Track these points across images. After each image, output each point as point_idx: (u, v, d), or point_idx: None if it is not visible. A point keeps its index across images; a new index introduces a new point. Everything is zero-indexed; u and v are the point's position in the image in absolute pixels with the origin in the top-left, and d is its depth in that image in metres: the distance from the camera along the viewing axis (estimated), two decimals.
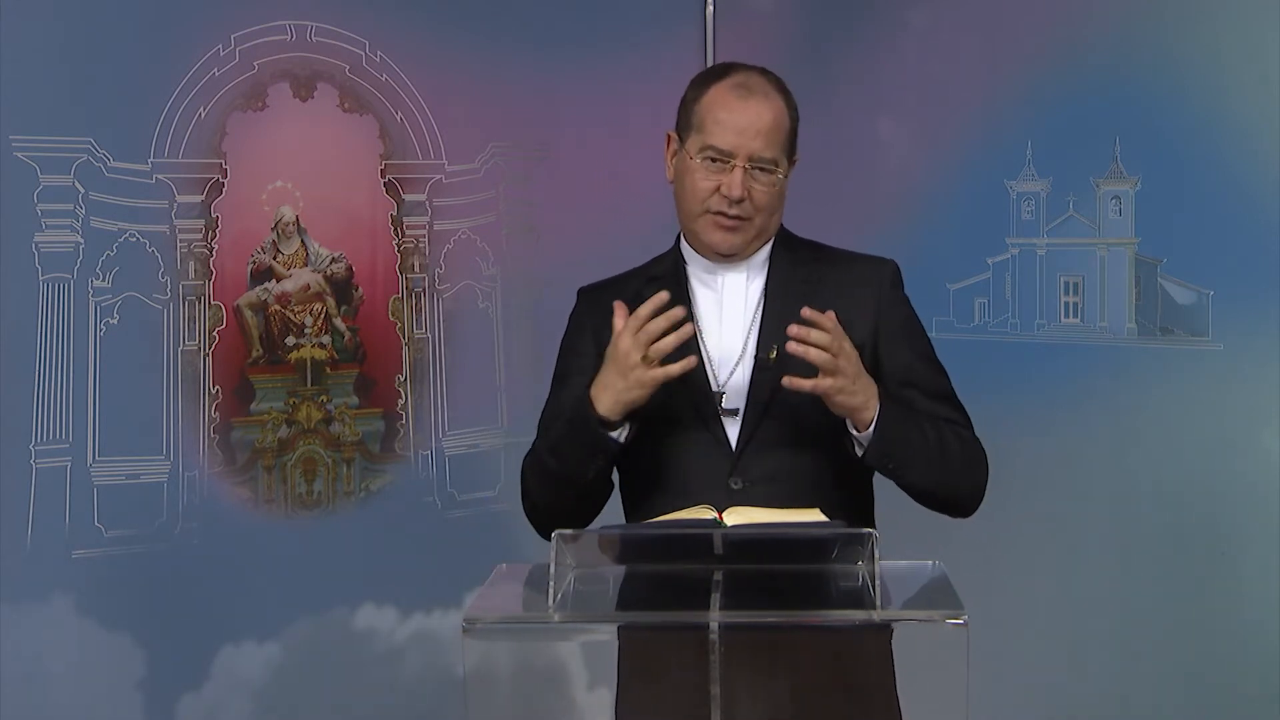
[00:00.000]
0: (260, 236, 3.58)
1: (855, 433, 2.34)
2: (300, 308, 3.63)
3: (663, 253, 2.55)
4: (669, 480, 2.42)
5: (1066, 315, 3.80)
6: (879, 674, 2.35)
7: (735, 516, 2.23)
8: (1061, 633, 3.73)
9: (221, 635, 3.51)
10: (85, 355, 3.33)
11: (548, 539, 2.36)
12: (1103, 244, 3.74)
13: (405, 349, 3.77)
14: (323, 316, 3.67)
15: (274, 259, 3.60)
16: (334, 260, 3.68)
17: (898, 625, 2.12)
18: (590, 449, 2.35)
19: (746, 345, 2.44)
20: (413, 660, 3.74)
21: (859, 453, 2.36)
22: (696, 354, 2.39)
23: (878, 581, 2.02)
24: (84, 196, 3.31)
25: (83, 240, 3.32)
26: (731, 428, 2.41)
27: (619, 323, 2.33)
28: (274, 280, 3.60)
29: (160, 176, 3.42)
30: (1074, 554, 3.73)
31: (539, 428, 2.51)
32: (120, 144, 3.36)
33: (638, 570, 2.19)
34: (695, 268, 2.50)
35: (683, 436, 2.41)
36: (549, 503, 2.45)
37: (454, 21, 3.78)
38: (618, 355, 2.31)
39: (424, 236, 3.79)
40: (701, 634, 1.98)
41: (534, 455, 2.48)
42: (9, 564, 3.22)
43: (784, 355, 2.34)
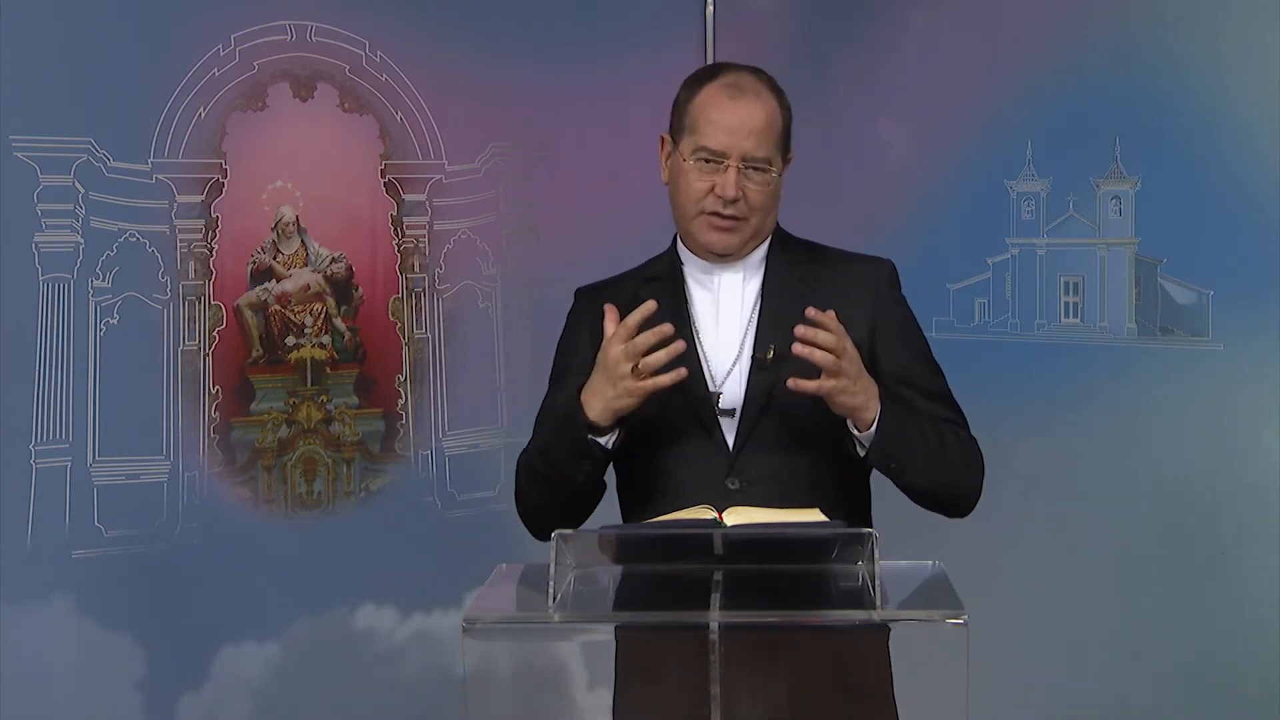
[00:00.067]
0: (260, 236, 3.58)
1: (856, 433, 2.33)
2: (300, 308, 3.63)
3: (659, 253, 2.55)
4: (666, 481, 2.41)
5: (1066, 315, 3.80)
6: (877, 674, 2.35)
7: (735, 516, 2.23)
8: (1061, 633, 3.73)
9: (221, 635, 3.51)
10: (85, 355, 3.33)
11: (539, 538, 2.37)
12: (1103, 244, 3.74)
13: (405, 349, 3.77)
14: (323, 316, 3.66)
15: (274, 259, 3.60)
16: (334, 260, 3.68)
17: (896, 625, 2.12)
18: (579, 453, 2.35)
19: (743, 346, 2.43)
20: (413, 660, 3.74)
21: (860, 453, 2.35)
22: (693, 355, 2.39)
23: (878, 581, 2.02)
24: (84, 196, 3.31)
25: (83, 240, 3.32)
26: (728, 428, 2.40)
27: (609, 327, 2.33)
28: (274, 280, 3.60)
29: (160, 176, 3.42)
30: (1074, 554, 3.73)
31: (534, 427, 2.51)
32: (120, 144, 3.36)
33: (638, 570, 2.19)
34: (692, 268, 2.50)
35: (679, 437, 2.41)
36: (540, 503, 2.45)
37: (454, 21, 3.78)
38: (607, 363, 2.30)
39: (424, 236, 3.79)
40: (701, 634, 1.98)
41: (527, 455, 2.49)
42: (9, 564, 3.22)
43: (780, 355, 2.34)
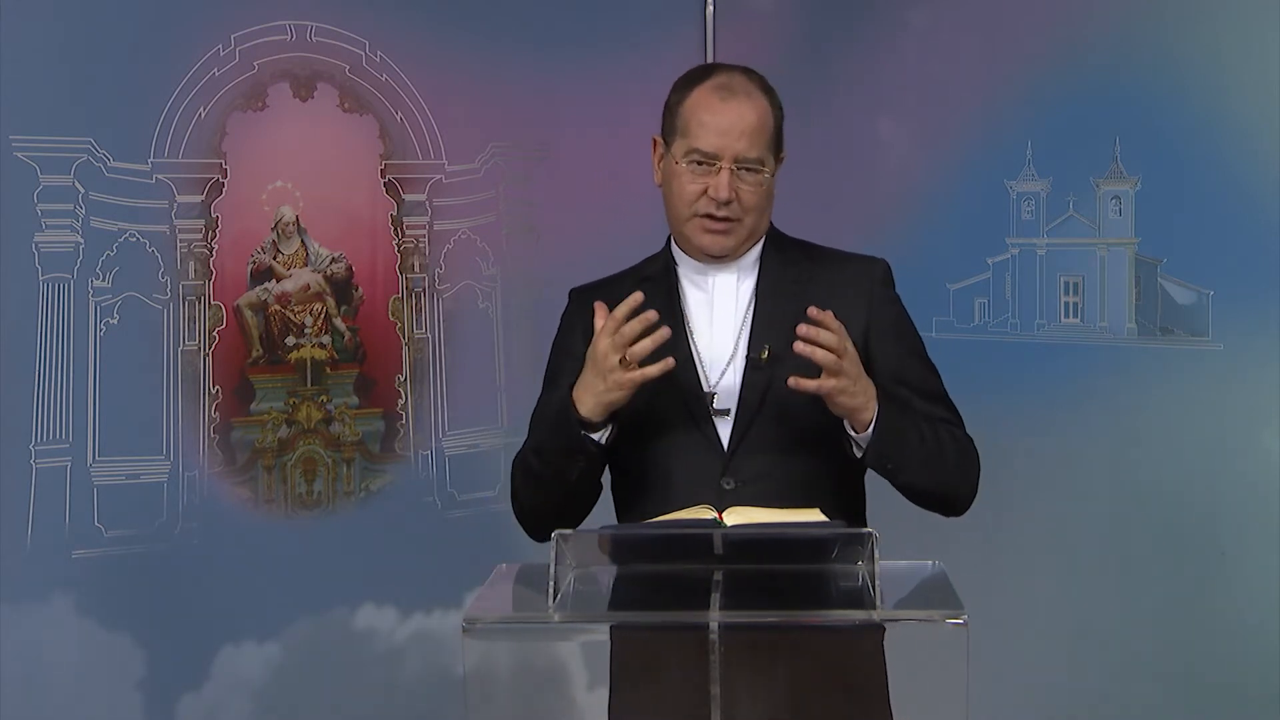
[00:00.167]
0: (260, 236, 3.58)
1: (854, 433, 2.33)
2: (300, 308, 3.63)
3: (654, 254, 2.55)
4: (661, 481, 2.41)
5: (1066, 315, 3.80)
6: (873, 674, 2.36)
7: (735, 516, 2.23)
8: (1061, 633, 3.73)
9: (221, 635, 3.51)
10: (85, 355, 3.33)
11: (535, 539, 2.37)
12: (1103, 244, 3.74)
13: (405, 349, 3.77)
14: (323, 316, 3.66)
15: (274, 259, 3.60)
16: (334, 260, 3.68)
17: (894, 625, 2.12)
18: (572, 450, 2.35)
19: (738, 346, 2.43)
20: (413, 660, 3.74)
21: (857, 454, 2.36)
22: (687, 355, 2.40)
23: (877, 581, 2.02)
24: (84, 196, 3.31)
25: (83, 240, 3.32)
26: (723, 428, 2.40)
27: (599, 323, 2.33)
28: (274, 280, 3.60)
29: (160, 176, 3.42)
30: (1074, 554, 3.73)
31: (529, 428, 2.51)
32: (120, 144, 3.36)
33: (637, 570, 2.19)
34: (685, 269, 2.50)
35: (674, 437, 2.41)
36: (536, 503, 2.45)
37: (454, 21, 3.78)
38: (596, 357, 2.31)
39: (424, 236, 3.79)
40: (701, 634, 1.98)
41: (521, 455, 2.49)
42: (9, 564, 3.22)
43: (775, 355, 2.35)
